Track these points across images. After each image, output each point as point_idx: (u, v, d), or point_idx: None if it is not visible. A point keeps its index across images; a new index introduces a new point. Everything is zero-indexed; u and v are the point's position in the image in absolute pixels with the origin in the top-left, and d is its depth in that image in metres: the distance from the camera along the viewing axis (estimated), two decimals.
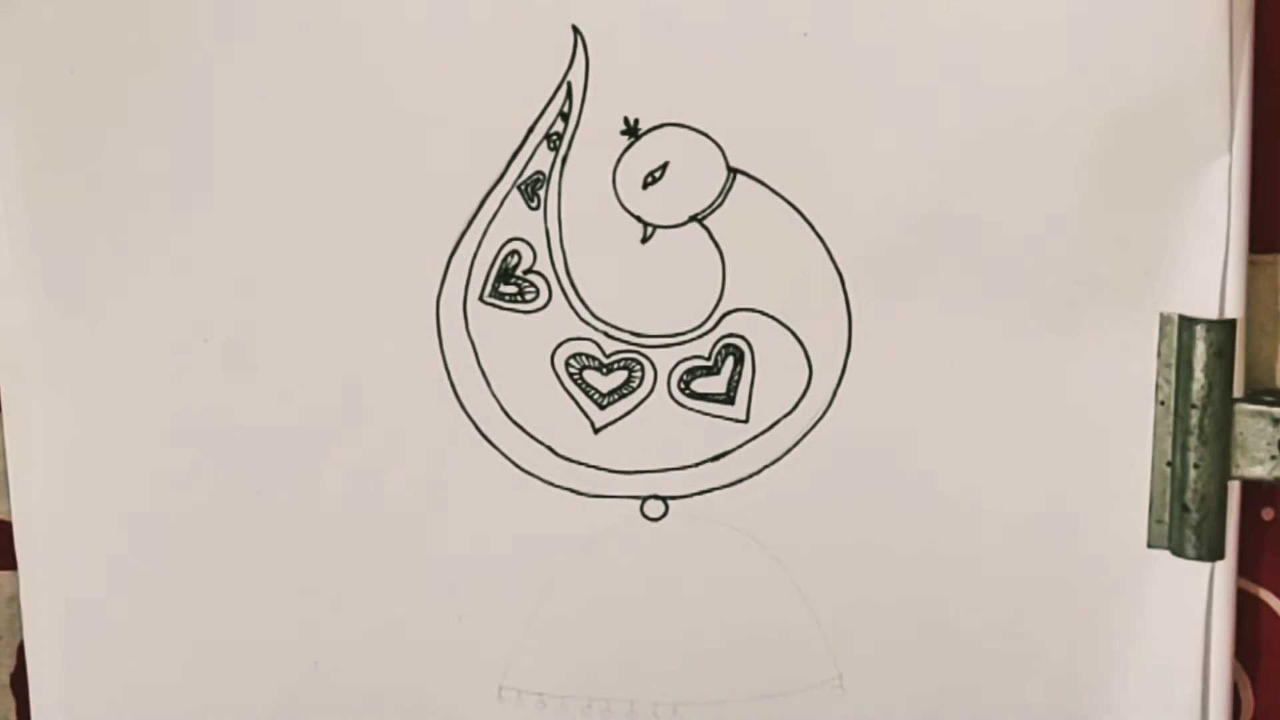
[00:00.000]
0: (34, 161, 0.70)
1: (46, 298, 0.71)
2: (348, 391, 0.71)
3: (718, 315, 0.69)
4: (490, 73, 0.68)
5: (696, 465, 0.70)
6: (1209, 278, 0.67)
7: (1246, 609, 0.70)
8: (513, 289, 0.70)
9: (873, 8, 0.66)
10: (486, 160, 0.69)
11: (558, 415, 0.70)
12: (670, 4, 0.66)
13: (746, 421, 0.70)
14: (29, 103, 0.70)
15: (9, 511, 0.73)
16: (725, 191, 0.68)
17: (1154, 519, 0.69)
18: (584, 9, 0.67)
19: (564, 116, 0.68)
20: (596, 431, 0.71)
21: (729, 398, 0.70)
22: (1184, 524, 0.68)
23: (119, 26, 0.69)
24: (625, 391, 0.70)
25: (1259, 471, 0.67)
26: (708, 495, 0.70)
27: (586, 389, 0.70)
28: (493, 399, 0.71)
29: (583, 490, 0.71)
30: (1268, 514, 0.71)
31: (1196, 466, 0.67)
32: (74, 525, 0.73)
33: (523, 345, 0.70)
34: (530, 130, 0.68)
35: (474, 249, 0.69)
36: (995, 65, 0.66)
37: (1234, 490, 0.68)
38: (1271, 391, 0.69)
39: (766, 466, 0.70)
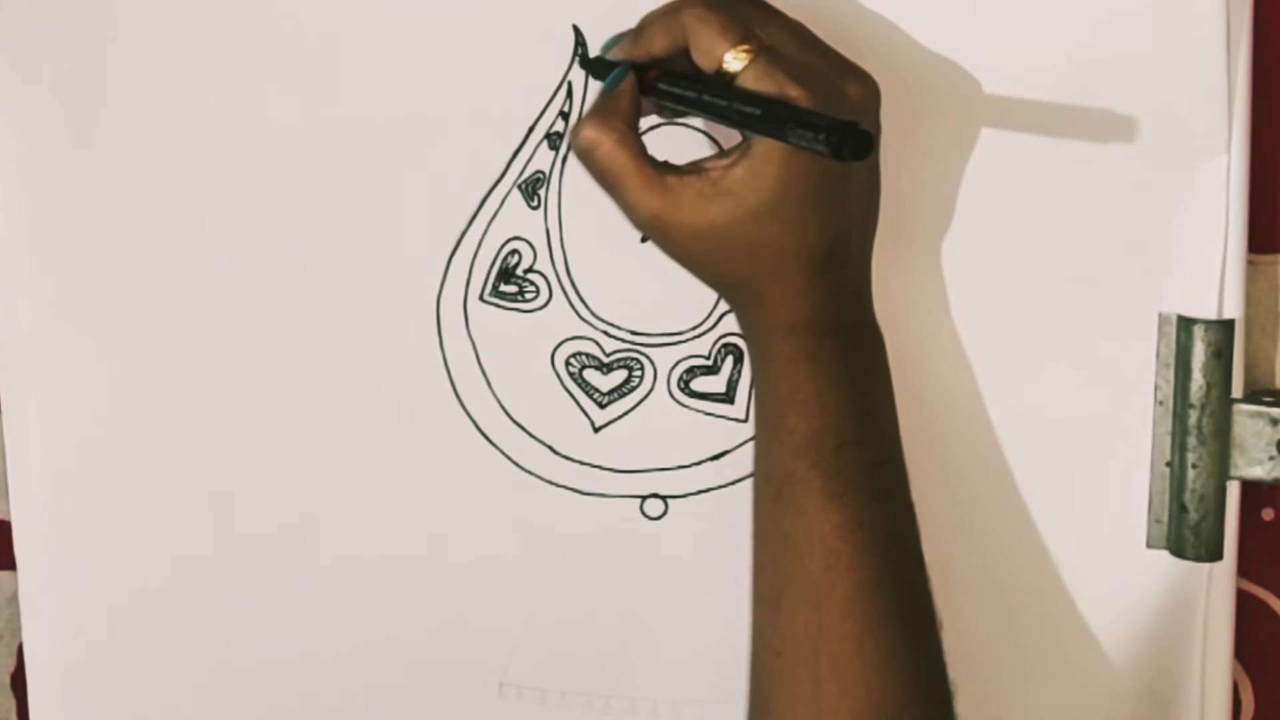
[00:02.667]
0: (34, 161, 0.70)
1: (46, 298, 0.71)
2: (348, 391, 0.71)
3: (717, 314, 0.69)
4: (490, 73, 0.68)
5: (696, 464, 0.70)
6: (1208, 278, 0.67)
7: (1246, 609, 0.70)
8: (513, 288, 0.70)
9: (870, 8, 0.66)
10: (487, 160, 0.69)
11: (558, 414, 0.70)
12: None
13: (746, 420, 0.70)
14: (29, 103, 0.70)
15: (9, 511, 0.73)
16: None
17: (1153, 519, 0.69)
18: (584, 9, 0.67)
19: (564, 116, 0.68)
20: (596, 431, 0.71)
21: (729, 397, 0.70)
22: (1183, 524, 0.68)
23: (119, 27, 0.69)
24: (625, 390, 0.70)
25: (1258, 472, 0.67)
26: (707, 494, 0.70)
27: (586, 388, 0.70)
28: (493, 398, 0.71)
29: (583, 489, 0.71)
30: (1268, 514, 0.71)
31: (1195, 467, 0.67)
32: (74, 525, 0.73)
33: (523, 345, 0.70)
34: (530, 130, 0.68)
35: (474, 248, 0.70)
36: (994, 66, 0.66)
37: (1233, 490, 0.68)
38: (1270, 392, 0.69)
39: None
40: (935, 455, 0.69)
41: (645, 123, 0.64)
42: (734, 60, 0.60)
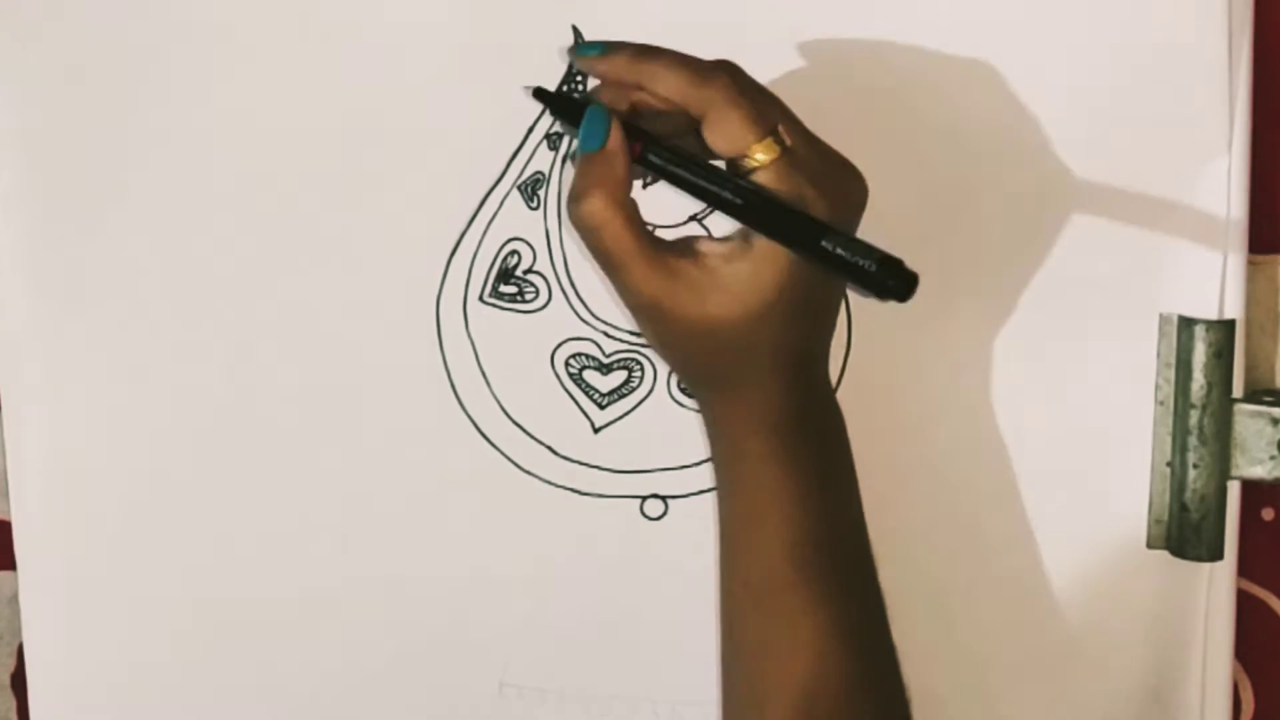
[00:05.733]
0: (34, 161, 0.70)
1: (46, 298, 0.71)
2: (348, 391, 0.71)
3: None
4: (490, 73, 0.68)
5: (696, 464, 0.70)
6: (1208, 278, 0.67)
7: (1246, 609, 0.70)
8: (513, 289, 0.70)
9: (871, 9, 0.66)
10: (486, 160, 0.69)
11: (558, 415, 0.70)
12: (669, 4, 0.67)
13: None
14: (29, 103, 0.70)
15: (9, 511, 0.73)
16: None
17: (1154, 519, 0.69)
18: (584, 9, 0.67)
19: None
20: (596, 431, 0.71)
21: None
22: (1184, 524, 0.68)
23: (119, 27, 0.69)
24: (625, 391, 0.70)
25: (1258, 471, 0.67)
26: (707, 494, 0.70)
27: (586, 389, 0.70)
28: (493, 399, 0.71)
29: (582, 490, 0.71)
30: (1268, 514, 0.71)
31: (1196, 467, 0.67)
32: (74, 525, 0.73)
33: (523, 345, 0.70)
34: (530, 130, 0.68)
35: (474, 249, 0.70)
36: (995, 67, 0.66)
37: (1234, 490, 0.68)
38: (1271, 392, 0.69)
39: None
40: (935, 455, 0.69)
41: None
42: (761, 154, 0.58)
